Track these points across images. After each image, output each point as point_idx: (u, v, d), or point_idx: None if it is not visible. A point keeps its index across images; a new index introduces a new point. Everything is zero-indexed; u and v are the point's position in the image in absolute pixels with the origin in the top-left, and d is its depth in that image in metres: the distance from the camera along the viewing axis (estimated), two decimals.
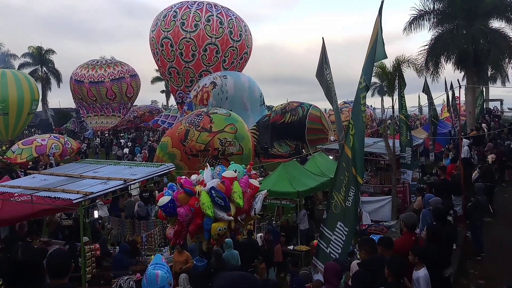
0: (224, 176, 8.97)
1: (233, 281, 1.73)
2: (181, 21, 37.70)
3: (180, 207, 8.70)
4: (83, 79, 45.94)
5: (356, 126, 7.03)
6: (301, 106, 29.81)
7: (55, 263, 3.86)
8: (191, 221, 8.80)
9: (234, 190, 8.80)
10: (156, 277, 5.60)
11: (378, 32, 7.00)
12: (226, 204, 8.69)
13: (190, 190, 8.70)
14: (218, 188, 8.71)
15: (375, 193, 16.39)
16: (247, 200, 9.12)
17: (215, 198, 8.58)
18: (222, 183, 8.79)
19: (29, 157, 27.40)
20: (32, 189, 9.60)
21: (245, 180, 9.25)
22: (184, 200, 8.71)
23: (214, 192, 8.60)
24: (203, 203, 8.46)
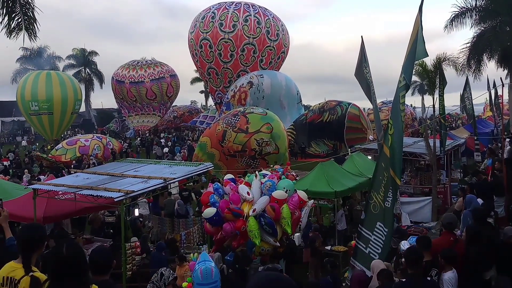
0: (274, 196, 8.50)
1: (268, 281, 1.74)
2: (219, 22, 38.02)
3: (227, 223, 8.51)
4: (124, 79, 46.97)
5: (395, 126, 6.92)
6: (339, 105, 29.51)
7: (97, 259, 3.99)
8: (233, 236, 8.63)
9: (283, 215, 8.39)
10: (211, 272, 5.79)
11: (419, 30, 6.87)
12: (274, 232, 8.43)
13: (238, 214, 8.41)
14: (267, 213, 8.37)
15: (415, 194, 16.05)
16: (295, 222, 8.84)
17: (263, 226, 8.32)
18: (271, 208, 8.35)
19: (72, 157, 28.33)
20: (75, 188, 9.91)
21: (295, 201, 8.81)
22: (231, 218, 8.54)
23: (263, 220, 8.29)
24: (251, 230, 8.14)
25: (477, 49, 25.76)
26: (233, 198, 8.50)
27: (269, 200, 8.43)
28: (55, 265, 3.29)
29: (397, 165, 6.85)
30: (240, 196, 8.52)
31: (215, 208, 8.58)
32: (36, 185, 11.23)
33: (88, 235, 12.43)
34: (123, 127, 53.92)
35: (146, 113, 48.44)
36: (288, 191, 8.65)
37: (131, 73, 46.96)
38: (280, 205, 8.40)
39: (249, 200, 8.39)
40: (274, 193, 8.49)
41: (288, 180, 9.30)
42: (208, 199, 8.99)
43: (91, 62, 63.92)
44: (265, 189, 8.59)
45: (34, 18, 11.42)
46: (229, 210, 8.37)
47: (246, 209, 8.32)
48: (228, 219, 8.44)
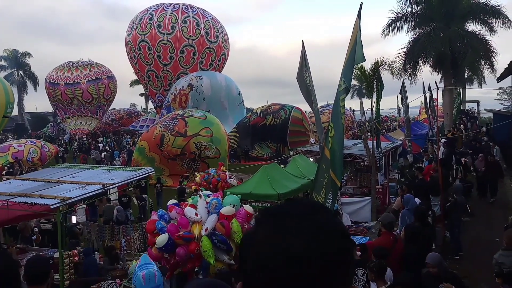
0: (223, 213, 8.39)
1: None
2: (157, 23, 37.53)
3: (179, 248, 8.30)
4: (58, 81, 45.20)
5: (335, 128, 7.06)
6: (283, 109, 29.91)
7: (33, 269, 3.78)
8: (187, 259, 8.44)
9: (234, 230, 8.30)
10: (154, 276, 5.64)
11: (357, 35, 7.05)
12: (228, 248, 8.34)
13: (189, 238, 8.16)
14: (218, 230, 8.37)
15: (355, 194, 16.51)
16: None
17: (216, 244, 8.23)
18: (221, 225, 8.24)
19: (5, 163, 26.86)
20: (8, 195, 9.42)
21: (242, 214, 8.80)
22: (182, 243, 8.34)
23: (215, 238, 8.21)
24: (205, 250, 7.96)
25: (412, 53, 27.01)
26: (181, 222, 8.30)
27: (217, 218, 8.35)
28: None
29: (337, 166, 6.98)
30: (188, 219, 8.37)
31: (167, 234, 8.33)
32: None
33: (22, 245, 11.82)
34: (59, 131, 51.87)
35: (83, 114, 46.85)
36: (234, 206, 8.61)
37: (66, 74, 45.26)
38: (229, 221, 8.36)
39: (198, 221, 8.27)
40: (222, 210, 8.41)
41: (233, 195, 9.26)
42: (154, 227, 8.73)
43: (24, 64, 61.07)
44: (212, 208, 8.49)
45: None
46: (179, 236, 8.19)
47: (196, 230, 8.18)
48: (180, 244, 8.25)
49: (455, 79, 31.17)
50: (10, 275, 3.16)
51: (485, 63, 26.81)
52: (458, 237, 10.69)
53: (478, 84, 37.75)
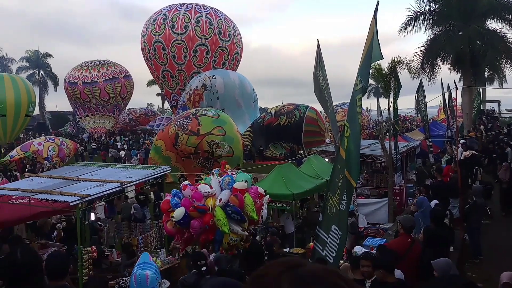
0: (236, 187, 8.61)
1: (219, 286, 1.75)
2: (171, 23, 37.80)
3: (194, 220, 8.45)
4: (77, 81, 45.92)
5: (351, 128, 7.03)
6: (297, 109, 29.81)
7: (54, 264, 3.89)
8: (202, 232, 8.59)
9: (246, 203, 8.52)
10: (146, 278, 5.47)
11: (374, 33, 7.02)
12: (242, 218, 8.50)
13: (203, 210, 8.35)
14: (232, 202, 8.52)
15: (371, 196, 16.41)
16: (258, 210, 8.98)
17: (231, 215, 8.38)
18: (235, 197, 8.45)
19: (27, 154, 27.52)
20: (30, 192, 9.63)
21: (254, 190, 9.03)
22: (196, 215, 8.50)
23: (229, 209, 8.36)
24: (219, 219, 8.12)
25: (431, 52, 26.68)
26: (195, 196, 8.51)
27: (230, 193, 8.54)
28: (9, 270, 3.22)
29: (353, 167, 6.94)
30: (202, 193, 8.55)
31: (183, 208, 8.51)
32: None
33: (43, 240, 12.08)
34: (79, 129, 52.68)
35: (101, 113, 47.51)
36: (247, 181, 8.81)
37: (84, 73, 45.97)
38: (242, 195, 8.55)
39: (212, 193, 8.46)
40: (235, 185, 8.64)
41: (244, 173, 9.49)
42: (168, 205, 8.89)
43: (45, 64, 62.13)
44: (225, 185, 8.70)
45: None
46: (194, 208, 8.37)
47: (210, 203, 8.36)
48: (194, 216, 8.42)
49: (475, 78, 30.75)
50: (36, 269, 3.29)
51: (506, 62, 26.31)
52: (477, 240, 10.52)
53: (499, 84, 37.21)
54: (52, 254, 4.54)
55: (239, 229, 8.43)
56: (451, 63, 27.89)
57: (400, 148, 16.64)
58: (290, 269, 1.02)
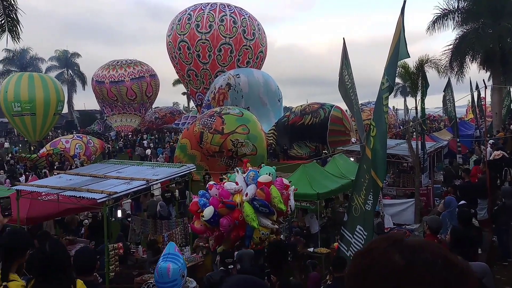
0: (260, 181, 8.72)
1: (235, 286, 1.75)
2: (195, 23, 38.04)
3: (223, 218, 8.51)
4: (104, 80, 46.75)
5: (378, 128, 6.96)
6: (322, 108, 29.59)
7: (81, 260, 3.98)
8: (232, 228, 8.63)
9: (273, 195, 8.60)
10: (167, 270, 5.36)
11: (401, 32, 6.93)
12: (270, 211, 8.53)
13: (231, 205, 8.47)
14: (258, 196, 8.53)
15: (397, 196, 16.20)
16: (285, 201, 8.99)
17: (259, 208, 8.41)
18: (261, 190, 8.53)
19: (55, 150, 28.18)
20: (58, 189, 9.83)
21: (279, 182, 9.05)
22: (226, 212, 8.56)
23: (256, 203, 8.40)
24: (247, 215, 8.24)
25: (459, 51, 26.14)
26: (222, 194, 8.57)
27: (256, 187, 8.56)
28: (39, 263, 3.32)
29: (380, 167, 6.87)
30: (229, 191, 8.61)
31: (212, 207, 8.55)
32: (19, 186, 11.11)
33: (71, 236, 12.33)
34: (106, 128, 53.63)
35: (128, 112, 48.23)
36: (271, 174, 8.81)
37: (111, 72, 46.77)
38: (268, 188, 8.56)
39: (239, 189, 8.51)
40: (260, 179, 8.67)
41: (268, 166, 9.51)
42: (197, 207, 8.94)
43: (73, 64, 63.44)
44: (250, 179, 8.73)
45: (17, 20, 11.35)
46: (223, 203, 8.42)
47: (238, 199, 8.40)
48: (224, 214, 8.47)
49: (505, 77, 29.98)
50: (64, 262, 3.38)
51: None
52: (506, 242, 10.27)
53: None
54: (79, 250, 4.63)
55: (268, 223, 8.47)
56: (480, 62, 27.26)
57: (427, 148, 16.37)
58: (396, 242, 1.11)
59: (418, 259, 1.07)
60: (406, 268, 1.05)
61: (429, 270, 1.05)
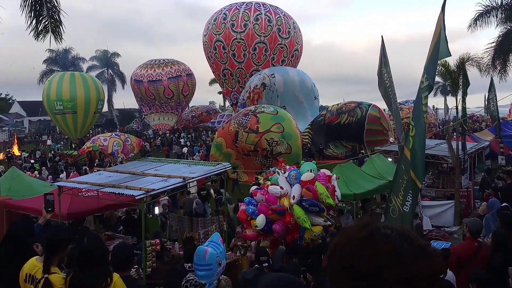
0: (304, 180, 8.62)
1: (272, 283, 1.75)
2: (231, 22, 38.20)
3: (275, 224, 8.51)
4: (142, 79, 47.63)
5: (417, 127, 6.83)
6: (359, 107, 29.18)
7: (119, 255, 4.07)
8: (286, 232, 8.61)
9: (319, 191, 8.52)
10: (205, 253, 5.52)
11: (441, 30, 6.78)
12: (320, 209, 8.47)
13: (282, 211, 8.42)
14: (306, 196, 8.48)
15: (436, 197, 15.84)
16: (332, 194, 8.91)
17: (308, 208, 8.39)
18: (307, 190, 8.46)
19: (95, 147, 28.97)
20: (98, 185, 10.06)
21: (322, 176, 8.97)
22: (277, 218, 8.55)
23: (305, 203, 8.36)
24: (299, 217, 8.19)
25: (502, 49, 25.23)
26: (269, 200, 8.51)
27: (301, 186, 8.50)
28: (78, 255, 3.42)
29: (419, 167, 6.75)
30: (274, 195, 8.58)
31: (263, 215, 8.52)
32: (60, 182, 11.44)
33: (109, 232, 12.63)
34: (144, 126, 54.69)
35: (165, 111, 49.03)
36: (312, 170, 8.72)
37: (149, 71, 47.62)
38: (313, 185, 8.54)
39: (284, 193, 8.47)
40: (303, 177, 8.59)
41: (308, 162, 9.43)
42: (246, 215, 8.96)
43: (113, 63, 64.99)
44: (292, 180, 8.66)
45: (60, 21, 11.66)
46: (272, 210, 8.40)
47: (286, 202, 8.36)
48: (275, 220, 8.46)
49: None
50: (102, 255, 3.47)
51: None
52: None
53: None
54: (117, 246, 4.74)
55: (320, 220, 8.44)
56: None
57: (468, 149, 15.93)
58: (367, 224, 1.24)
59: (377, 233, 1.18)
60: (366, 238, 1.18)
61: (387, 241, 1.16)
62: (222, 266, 5.75)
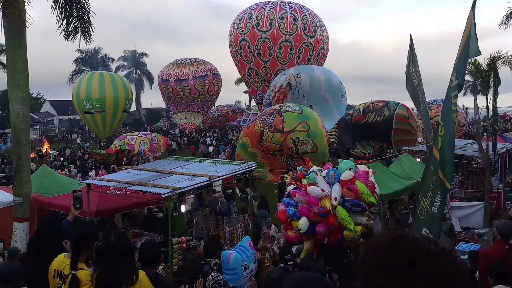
0: (344, 179, 8.52)
1: (298, 282, 1.77)
2: (256, 21, 38.26)
3: (318, 226, 8.51)
4: (169, 78, 48.14)
5: (446, 127, 6.71)
6: (387, 106, 28.78)
7: (147, 252, 4.13)
8: (329, 233, 8.60)
9: (360, 191, 8.41)
10: (228, 258, 5.67)
11: (472, 28, 6.64)
12: (362, 208, 8.41)
13: (324, 213, 8.36)
14: (347, 196, 8.44)
15: (466, 198, 15.52)
16: (372, 191, 8.84)
17: (351, 209, 8.33)
18: (348, 190, 8.36)
19: (123, 146, 29.44)
20: (126, 183, 10.23)
21: (362, 174, 8.88)
22: (319, 220, 8.54)
23: (348, 204, 8.30)
24: (342, 218, 8.15)
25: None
26: (310, 201, 8.47)
27: (341, 186, 8.44)
28: (104, 252, 3.49)
29: (448, 168, 6.63)
30: (315, 196, 8.54)
31: (305, 218, 8.51)
32: (89, 180, 11.67)
33: (137, 230, 12.81)
34: (171, 125, 55.30)
35: (191, 111, 49.44)
36: (351, 169, 8.64)
37: (176, 71, 48.08)
38: (353, 184, 8.48)
39: (326, 195, 8.42)
40: (342, 177, 8.50)
41: (345, 160, 9.32)
42: (286, 216, 8.95)
43: (141, 63, 65.93)
44: (332, 179, 8.59)
45: (89, 22, 11.92)
46: (315, 214, 8.37)
47: (327, 204, 8.32)
48: (318, 221, 8.44)
49: None
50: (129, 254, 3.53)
51: None
52: None
53: None
54: (145, 243, 4.80)
55: (363, 219, 8.38)
56: None
57: (499, 149, 15.55)
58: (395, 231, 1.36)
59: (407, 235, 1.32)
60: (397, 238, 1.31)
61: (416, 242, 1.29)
62: (249, 270, 5.81)
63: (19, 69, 10.66)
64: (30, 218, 11.01)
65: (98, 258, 3.76)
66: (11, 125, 11.20)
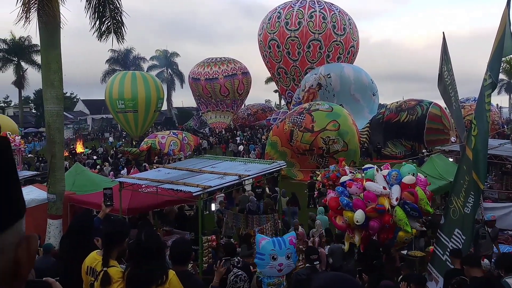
0: (405, 182, 8.52)
1: (327, 282, 1.78)
2: (285, 21, 38.19)
3: (372, 221, 8.51)
4: (199, 77, 48.52)
5: (479, 127, 6.59)
6: (420, 105, 28.30)
7: (178, 250, 4.21)
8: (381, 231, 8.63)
9: (420, 197, 8.42)
10: (260, 242, 5.95)
11: (506, 25, 6.50)
12: (419, 214, 8.43)
13: (382, 210, 8.37)
14: (407, 199, 8.41)
15: (499, 199, 15.15)
16: (430, 199, 8.84)
17: (409, 212, 8.31)
18: (409, 193, 8.38)
19: (153, 145, 29.91)
20: (157, 182, 10.41)
21: (423, 182, 8.81)
22: (375, 215, 8.57)
23: (408, 207, 8.32)
24: (400, 219, 8.19)
25: None
26: (368, 196, 8.48)
27: (400, 188, 8.43)
28: (135, 251, 3.58)
29: (481, 168, 6.51)
30: (374, 192, 8.55)
31: (362, 211, 8.54)
32: (121, 178, 11.91)
33: (168, 227, 13.00)
34: (201, 124, 55.82)
35: (221, 110, 49.75)
36: (413, 174, 8.61)
37: (206, 70, 48.40)
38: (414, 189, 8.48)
39: (386, 194, 8.43)
40: (404, 180, 8.49)
41: (408, 165, 9.29)
42: (337, 204, 8.99)
43: (172, 63, 66.73)
44: (393, 180, 8.58)
45: (122, 22, 12.16)
46: (374, 209, 8.39)
47: (386, 203, 8.34)
48: (372, 217, 8.47)
49: None
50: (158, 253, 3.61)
51: None
52: None
53: None
54: (176, 241, 4.89)
55: (417, 225, 8.39)
56: None
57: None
58: None
59: None
60: None
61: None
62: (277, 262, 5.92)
63: (53, 69, 10.91)
64: (64, 215, 11.28)
65: (130, 256, 3.85)
66: (46, 124, 11.44)
